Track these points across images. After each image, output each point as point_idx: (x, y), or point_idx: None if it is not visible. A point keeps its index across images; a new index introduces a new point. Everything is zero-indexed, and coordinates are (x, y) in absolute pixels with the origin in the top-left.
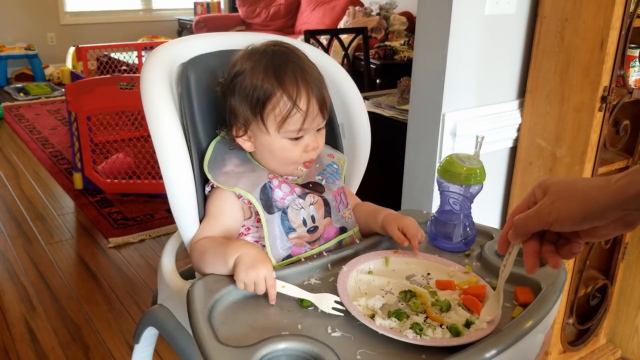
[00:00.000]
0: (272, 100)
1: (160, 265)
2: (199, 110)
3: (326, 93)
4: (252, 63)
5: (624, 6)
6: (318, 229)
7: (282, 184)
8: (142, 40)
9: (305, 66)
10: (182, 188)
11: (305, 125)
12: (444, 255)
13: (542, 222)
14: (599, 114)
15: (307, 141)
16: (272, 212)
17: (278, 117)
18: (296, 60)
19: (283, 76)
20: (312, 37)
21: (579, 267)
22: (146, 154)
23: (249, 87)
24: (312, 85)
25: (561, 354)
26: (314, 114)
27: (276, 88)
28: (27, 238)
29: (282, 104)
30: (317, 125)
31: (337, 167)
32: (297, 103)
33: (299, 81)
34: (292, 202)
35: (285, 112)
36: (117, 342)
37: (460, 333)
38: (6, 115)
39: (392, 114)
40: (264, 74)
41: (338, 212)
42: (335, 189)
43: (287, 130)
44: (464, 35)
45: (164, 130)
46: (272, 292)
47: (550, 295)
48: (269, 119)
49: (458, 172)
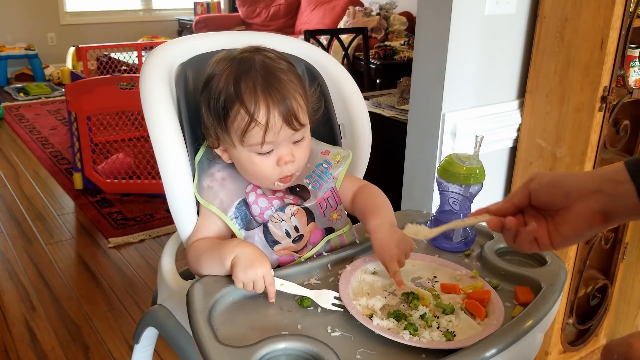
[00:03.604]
0: (232, 112)
1: (160, 265)
2: (197, 110)
3: (296, 103)
4: (218, 70)
5: (624, 6)
6: (303, 237)
7: (259, 198)
8: (142, 40)
9: (270, 76)
10: (181, 189)
11: (268, 138)
12: (449, 257)
13: (524, 188)
14: (599, 114)
15: (280, 154)
16: (252, 227)
17: (237, 130)
18: (261, 69)
19: (242, 87)
20: (312, 37)
21: (579, 267)
22: (146, 154)
23: (212, 97)
24: (273, 96)
25: (561, 354)
26: (276, 127)
27: (234, 100)
28: (27, 238)
29: (239, 117)
30: (288, 137)
31: (327, 167)
32: (254, 116)
33: (258, 92)
34: (271, 215)
35: (243, 125)
36: (117, 342)
37: None
38: (6, 115)
39: (392, 114)
40: (225, 83)
41: (323, 217)
42: (322, 195)
43: (249, 144)
44: (464, 35)
45: (162, 131)
46: (272, 290)
47: (550, 295)
48: (231, 132)
49: (458, 172)
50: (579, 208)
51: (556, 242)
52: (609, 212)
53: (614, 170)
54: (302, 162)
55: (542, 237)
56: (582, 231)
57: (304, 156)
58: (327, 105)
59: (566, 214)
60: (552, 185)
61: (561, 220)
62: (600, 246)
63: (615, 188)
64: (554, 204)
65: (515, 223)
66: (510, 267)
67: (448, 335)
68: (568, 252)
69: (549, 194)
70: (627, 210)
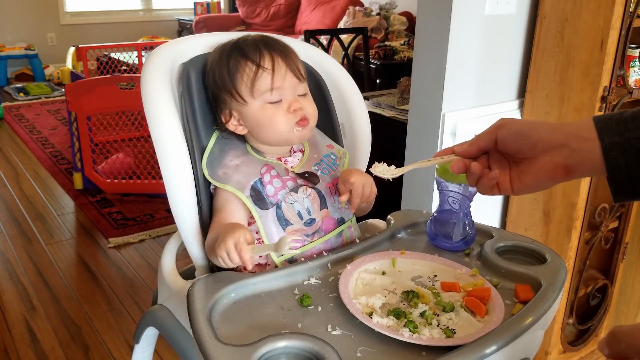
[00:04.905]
0: (239, 71)
1: (160, 265)
2: (199, 109)
3: (296, 58)
4: (217, 55)
5: (624, 6)
6: (315, 221)
7: (273, 179)
8: (142, 40)
9: (268, 38)
10: (182, 188)
11: (276, 83)
12: (449, 256)
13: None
14: (599, 114)
15: (289, 102)
16: (266, 207)
17: (247, 82)
18: (259, 36)
19: (245, 48)
20: (312, 37)
21: (579, 267)
22: (146, 154)
23: (217, 70)
24: (275, 49)
25: (561, 354)
26: (282, 72)
27: (240, 59)
28: (27, 238)
29: (247, 70)
30: (293, 86)
31: (334, 158)
32: (260, 64)
33: (260, 47)
34: (285, 196)
35: (252, 75)
36: (117, 342)
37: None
38: (6, 115)
39: (392, 114)
40: (228, 54)
41: (333, 202)
42: (329, 180)
43: (259, 91)
44: (464, 35)
45: (164, 131)
46: (244, 257)
47: (550, 293)
48: (241, 89)
49: None
50: (544, 160)
51: (516, 189)
52: (572, 166)
53: (582, 127)
54: (311, 111)
55: (504, 182)
56: (543, 182)
57: (312, 107)
58: (328, 105)
59: (530, 163)
60: (520, 134)
61: (524, 169)
62: (600, 246)
63: (581, 144)
64: (520, 152)
65: (479, 168)
66: (510, 266)
67: (448, 333)
68: (568, 252)
69: (516, 143)
70: (590, 166)
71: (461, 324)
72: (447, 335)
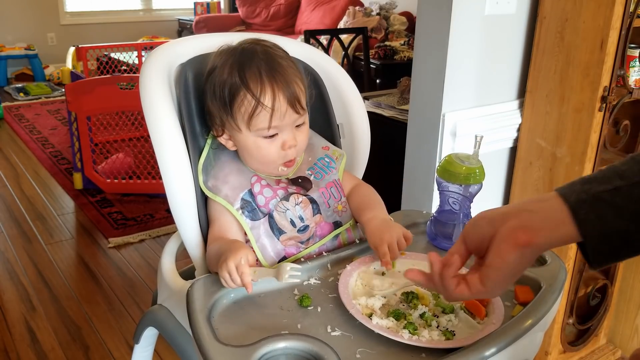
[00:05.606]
0: (237, 98)
1: (160, 265)
2: (196, 111)
3: (298, 88)
4: (220, 62)
5: (624, 6)
6: (309, 228)
7: (264, 189)
8: (142, 40)
9: (273, 62)
10: (181, 188)
11: (274, 122)
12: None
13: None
14: (599, 114)
15: (284, 138)
16: (258, 218)
17: (245, 115)
18: (264, 56)
19: (247, 73)
20: (312, 37)
21: (579, 267)
22: (146, 154)
23: (217, 86)
24: (278, 81)
25: (561, 354)
26: (282, 110)
27: (240, 86)
28: (27, 238)
29: (246, 102)
30: (292, 122)
31: (329, 161)
32: (261, 100)
33: (263, 77)
34: (277, 205)
35: (250, 109)
36: (117, 342)
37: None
38: (6, 115)
39: (392, 114)
40: (229, 72)
41: (328, 207)
42: (324, 185)
43: (256, 127)
44: (464, 35)
45: (163, 131)
46: (245, 279)
47: (550, 294)
48: (237, 118)
49: (457, 171)
50: (501, 230)
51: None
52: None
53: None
54: (302, 146)
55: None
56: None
57: (304, 141)
58: (326, 105)
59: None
60: (479, 217)
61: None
62: None
63: (542, 204)
64: (483, 237)
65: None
66: None
67: (447, 335)
68: (568, 252)
69: (477, 227)
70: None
71: (461, 325)
72: (447, 337)
